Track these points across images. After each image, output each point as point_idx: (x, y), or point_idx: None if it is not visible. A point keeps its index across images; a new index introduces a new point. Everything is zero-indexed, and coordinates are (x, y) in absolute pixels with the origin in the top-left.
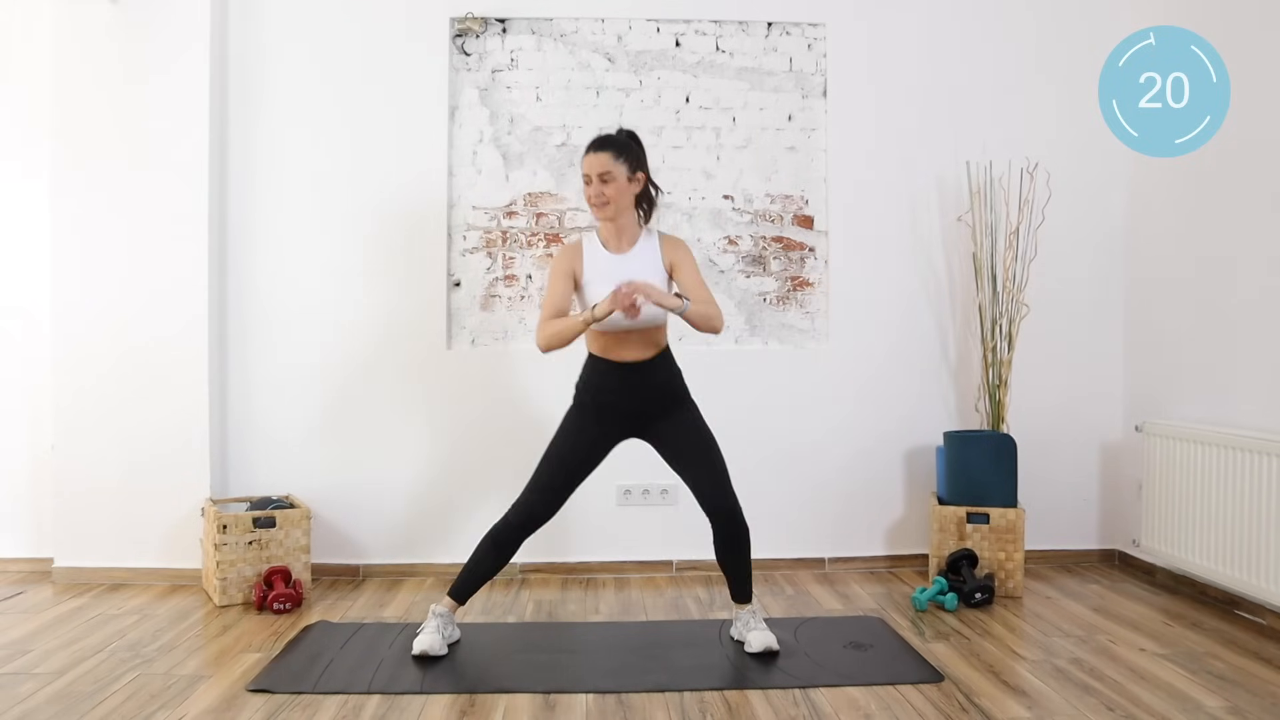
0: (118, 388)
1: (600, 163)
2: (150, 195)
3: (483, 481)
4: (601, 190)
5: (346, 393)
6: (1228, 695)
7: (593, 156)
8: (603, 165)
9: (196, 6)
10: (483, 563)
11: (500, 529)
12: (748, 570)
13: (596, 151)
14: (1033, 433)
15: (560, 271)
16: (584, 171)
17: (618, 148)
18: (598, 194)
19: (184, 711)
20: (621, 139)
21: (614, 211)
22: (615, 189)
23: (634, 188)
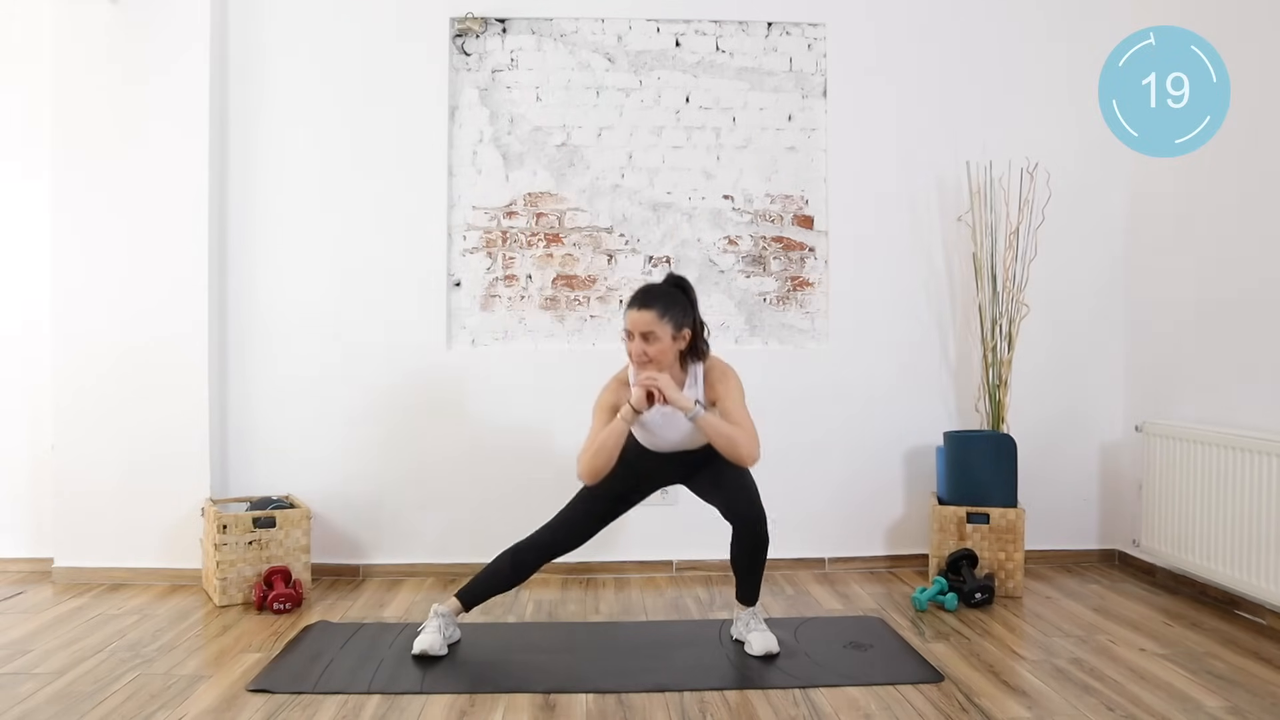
0: (118, 388)
1: (643, 321)
2: (150, 195)
3: (483, 482)
4: (644, 350)
5: (346, 392)
6: (1228, 695)
7: (635, 314)
8: (646, 325)
9: (196, 6)
10: (498, 576)
11: (523, 549)
12: (759, 577)
13: (640, 309)
14: (1033, 433)
15: (606, 407)
16: (626, 326)
17: (663, 306)
18: (639, 353)
19: (184, 711)
20: (666, 292)
21: (658, 368)
22: (659, 349)
23: (679, 345)
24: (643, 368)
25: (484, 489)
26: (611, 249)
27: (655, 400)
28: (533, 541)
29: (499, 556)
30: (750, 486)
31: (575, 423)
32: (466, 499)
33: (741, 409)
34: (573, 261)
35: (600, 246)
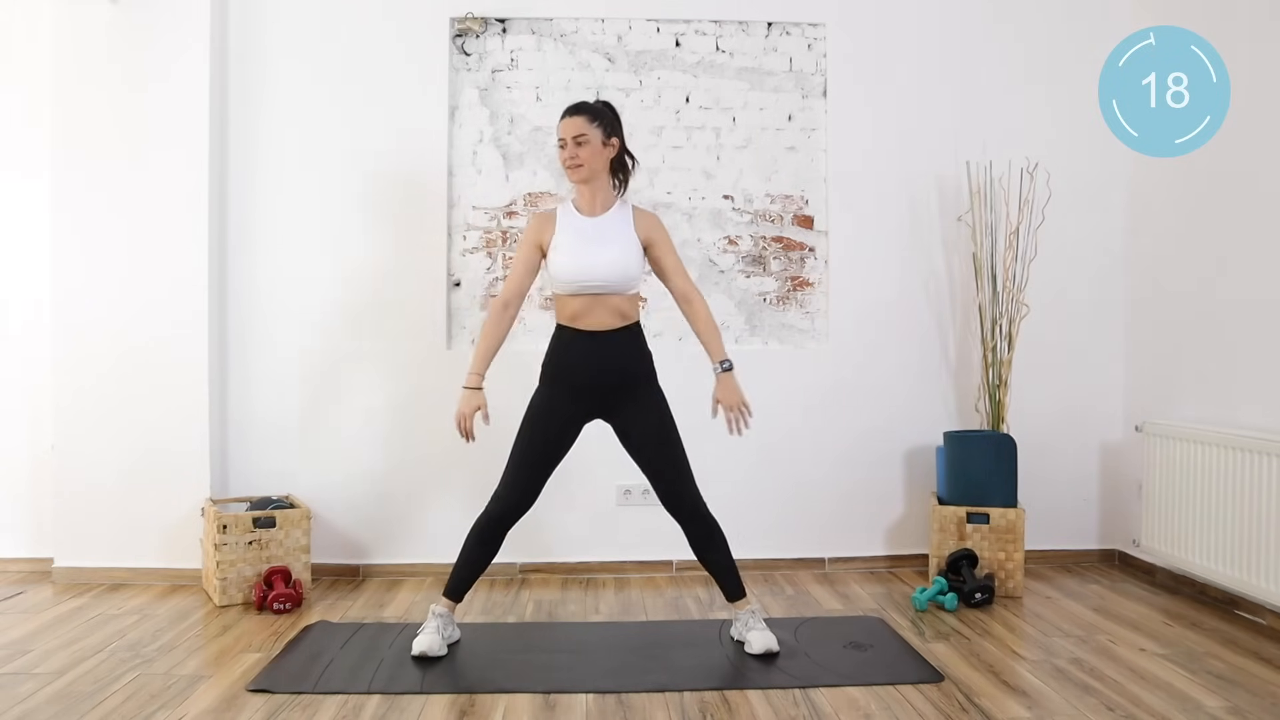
0: (118, 388)
1: (575, 126)
2: (150, 195)
3: (483, 481)
4: (576, 153)
5: (347, 392)
6: (1228, 695)
7: (568, 120)
8: (577, 128)
9: (197, 6)
10: (471, 558)
11: (483, 523)
12: (730, 566)
13: (571, 115)
14: (1033, 433)
15: (528, 241)
16: (559, 135)
17: (592, 112)
18: (571, 156)
19: (184, 711)
20: (597, 105)
21: (587, 174)
22: (589, 151)
23: (608, 153)
24: (575, 170)
25: (484, 489)
26: None
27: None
28: (489, 514)
29: (465, 541)
30: (677, 459)
31: None
32: (466, 499)
33: (681, 263)
34: None
35: None
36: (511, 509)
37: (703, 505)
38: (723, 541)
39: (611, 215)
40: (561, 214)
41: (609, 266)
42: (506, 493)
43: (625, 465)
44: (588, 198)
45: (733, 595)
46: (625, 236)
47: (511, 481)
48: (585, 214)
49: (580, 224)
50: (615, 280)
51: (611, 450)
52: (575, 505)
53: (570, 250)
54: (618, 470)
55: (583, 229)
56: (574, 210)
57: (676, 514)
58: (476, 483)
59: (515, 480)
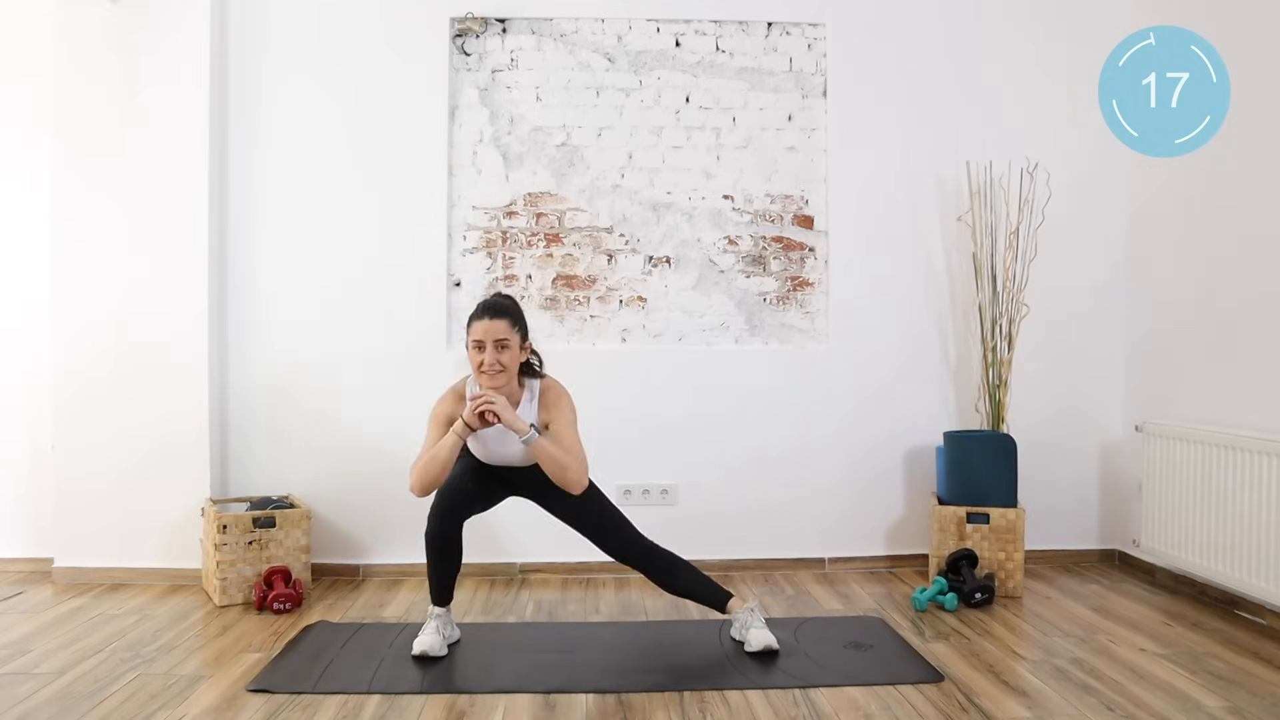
0: (118, 387)
1: (497, 330)
2: (150, 195)
3: None
4: (497, 359)
5: (347, 393)
6: (1228, 695)
7: (490, 323)
8: (500, 333)
9: (196, 6)
10: (438, 567)
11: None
12: (701, 583)
13: (493, 318)
14: (1033, 433)
15: (440, 420)
16: (475, 337)
17: (513, 316)
18: (493, 363)
19: (184, 711)
20: (514, 307)
21: (506, 379)
22: (510, 357)
23: (523, 356)
24: (494, 378)
25: None
26: (611, 249)
27: (489, 420)
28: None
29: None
30: (612, 525)
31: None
32: None
33: (573, 434)
34: (573, 262)
35: (600, 246)
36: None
37: (648, 544)
38: (682, 566)
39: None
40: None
41: (513, 460)
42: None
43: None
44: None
45: (720, 604)
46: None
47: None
48: None
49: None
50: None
51: (612, 450)
52: None
53: (476, 445)
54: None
55: (488, 433)
56: None
57: (628, 564)
58: None
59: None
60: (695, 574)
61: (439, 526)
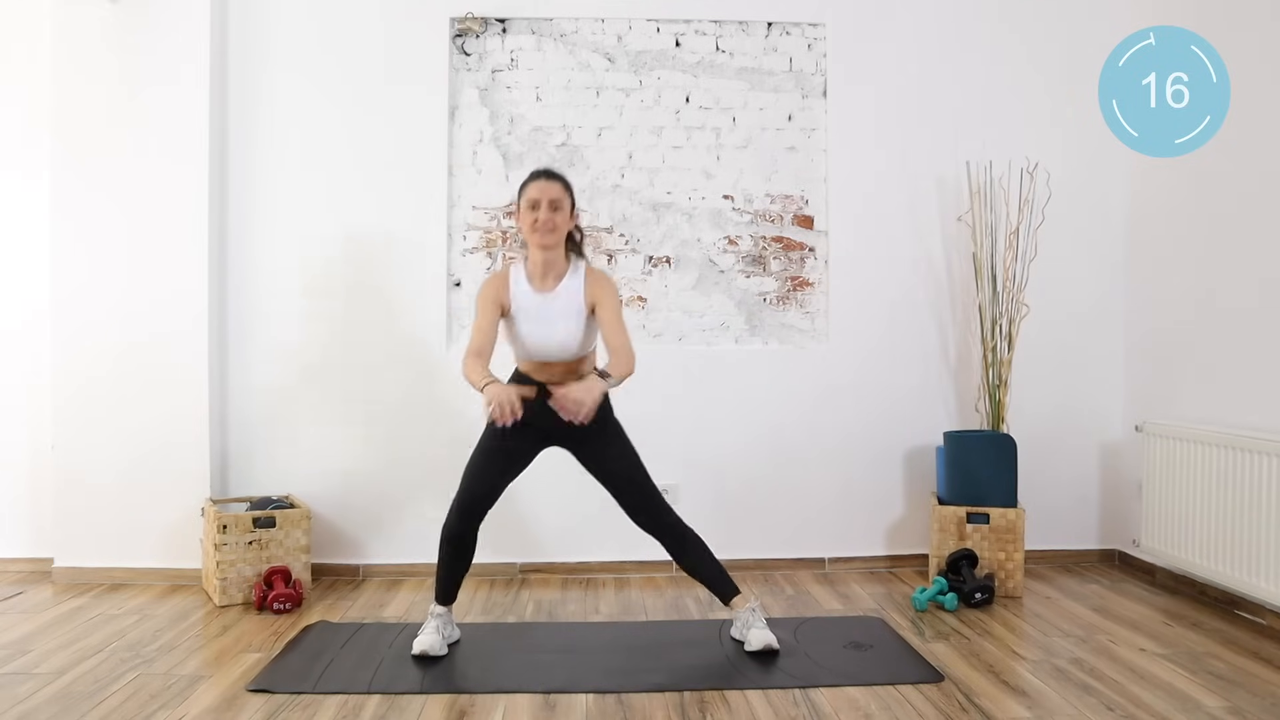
0: (118, 388)
1: (554, 190)
2: (150, 194)
3: None
4: (551, 218)
5: (347, 393)
6: (1228, 695)
7: (546, 183)
8: (556, 193)
9: (196, 6)
10: (449, 564)
11: (447, 532)
12: (714, 569)
13: (549, 180)
14: (1033, 433)
15: (488, 299)
16: (531, 197)
17: (566, 182)
18: (548, 221)
19: (184, 711)
20: (565, 176)
21: (557, 240)
22: (561, 218)
23: (571, 224)
24: (547, 235)
25: None
26: (611, 249)
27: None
28: (449, 523)
29: (438, 548)
30: (643, 486)
31: None
32: None
33: (620, 321)
34: None
35: (600, 246)
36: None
37: (673, 516)
38: (701, 546)
39: (563, 288)
40: (514, 281)
41: (559, 346)
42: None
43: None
44: (540, 268)
45: (727, 596)
46: (574, 310)
47: (469, 491)
48: (537, 287)
49: (532, 302)
50: (567, 354)
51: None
52: (575, 505)
53: (523, 326)
54: None
55: (536, 307)
56: (525, 280)
57: (650, 530)
58: None
59: (473, 492)
60: (711, 558)
61: (459, 526)
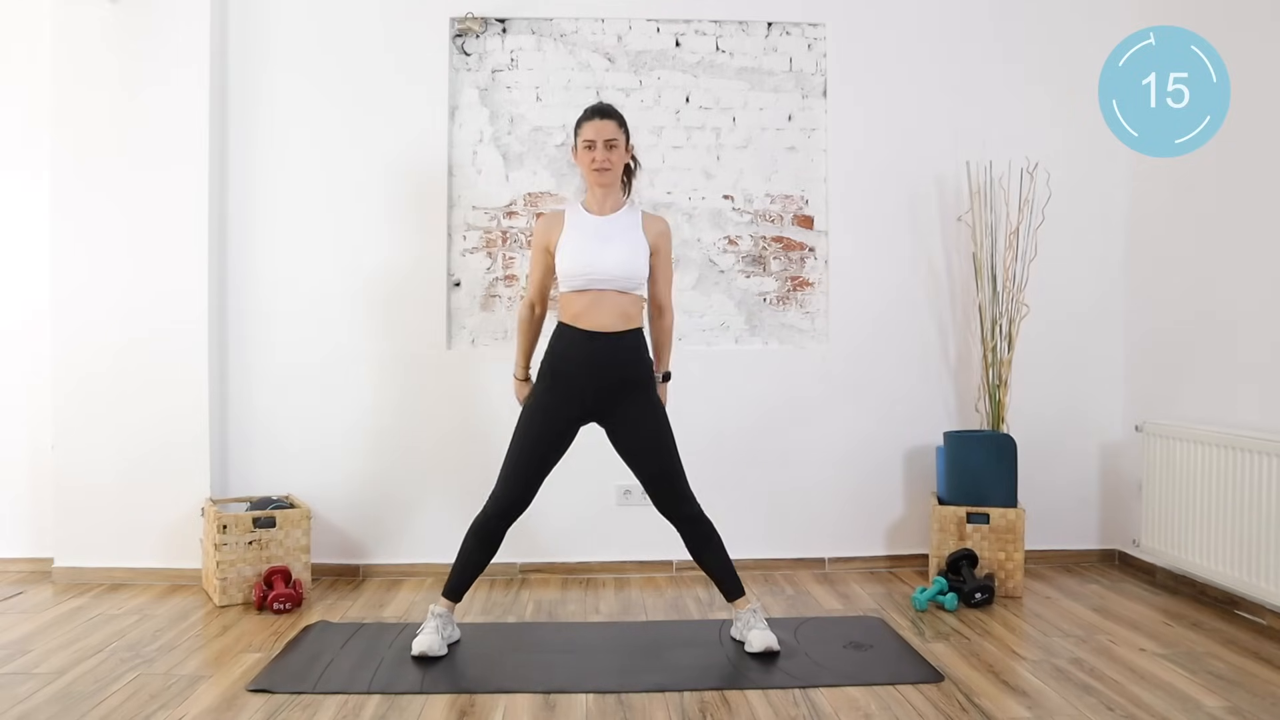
0: (118, 387)
1: (608, 129)
2: (150, 195)
3: (483, 481)
4: (608, 156)
5: (347, 393)
6: (1228, 695)
7: (600, 123)
8: (610, 132)
9: (196, 6)
10: (469, 558)
11: (480, 523)
12: (727, 566)
13: (604, 118)
14: (1033, 433)
15: (537, 246)
16: (587, 137)
17: (620, 118)
18: (603, 159)
19: (184, 711)
20: (619, 112)
21: (613, 177)
22: (618, 155)
23: (626, 157)
24: (603, 174)
25: (484, 488)
26: None
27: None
28: (486, 513)
29: (463, 540)
30: (671, 466)
31: None
32: (467, 498)
33: (670, 274)
34: None
35: None
36: (508, 508)
37: (696, 507)
38: (718, 542)
39: (621, 215)
40: (570, 213)
41: (616, 262)
42: (503, 492)
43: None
44: (599, 199)
45: (732, 595)
46: (634, 236)
47: (508, 480)
48: (595, 214)
49: (589, 221)
50: (621, 275)
51: (612, 450)
52: (575, 505)
53: (578, 245)
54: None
55: (592, 226)
56: (582, 210)
57: (670, 517)
58: (477, 482)
59: (512, 479)
60: (723, 557)
61: (495, 523)
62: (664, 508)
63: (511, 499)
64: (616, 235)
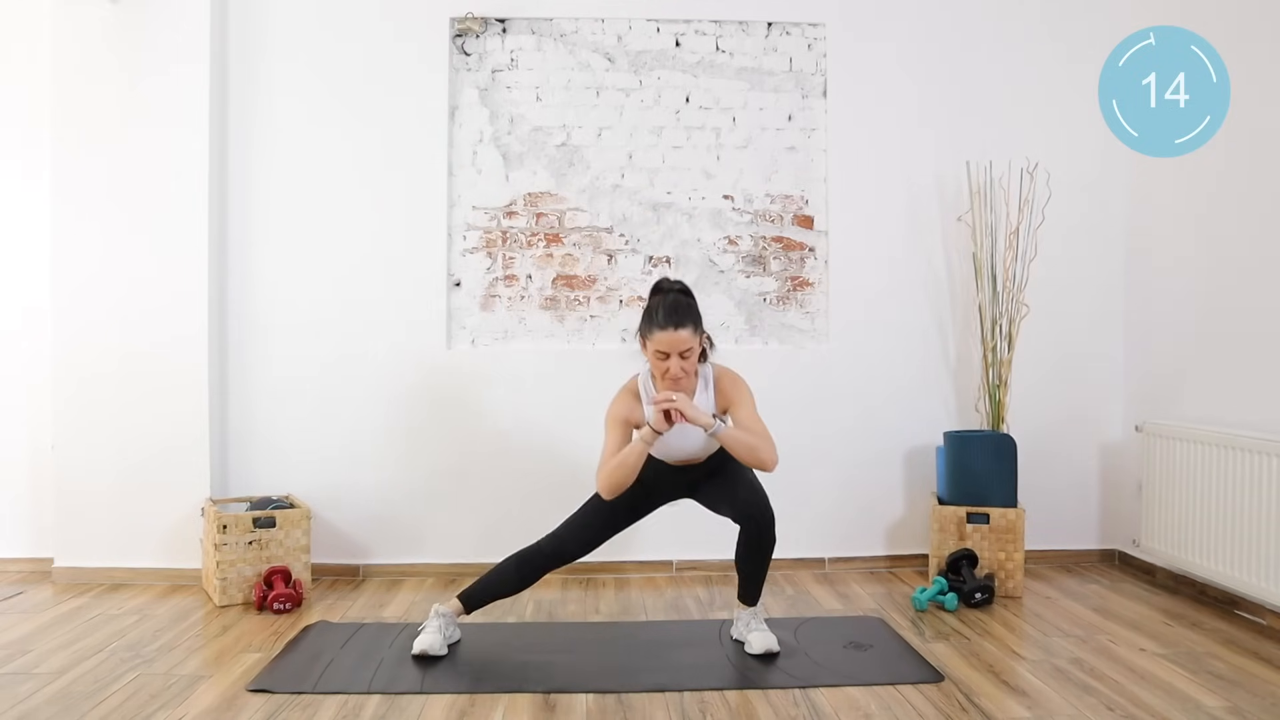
0: (118, 387)
1: (683, 341)
2: (151, 196)
3: (483, 481)
4: (683, 366)
5: (347, 392)
6: (1228, 695)
7: (674, 335)
8: (686, 343)
9: (196, 7)
10: (503, 582)
11: (530, 555)
12: (763, 575)
13: (677, 329)
14: (1033, 433)
15: (618, 419)
16: (659, 349)
17: (695, 321)
18: (679, 369)
19: (184, 711)
20: (689, 304)
21: (690, 383)
22: (692, 363)
23: (699, 350)
24: (677, 383)
25: (484, 489)
26: (611, 249)
27: (674, 419)
28: (540, 548)
29: (505, 561)
30: (758, 487)
31: (575, 422)
32: (466, 499)
33: (756, 417)
34: (573, 261)
35: (600, 246)
36: (564, 556)
37: (772, 518)
38: (770, 553)
39: (696, 399)
40: (645, 398)
41: (693, 454)
42: (568, 539)
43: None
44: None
45: (747, 599)
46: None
47: (577, 531)
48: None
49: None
50: (703, 457)
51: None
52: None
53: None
54: None
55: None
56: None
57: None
58: (477, 482)
59: (578, 531)
60: (765, 569)
61: (543, 561)
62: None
63: (568, 550)
64: (693, 434)
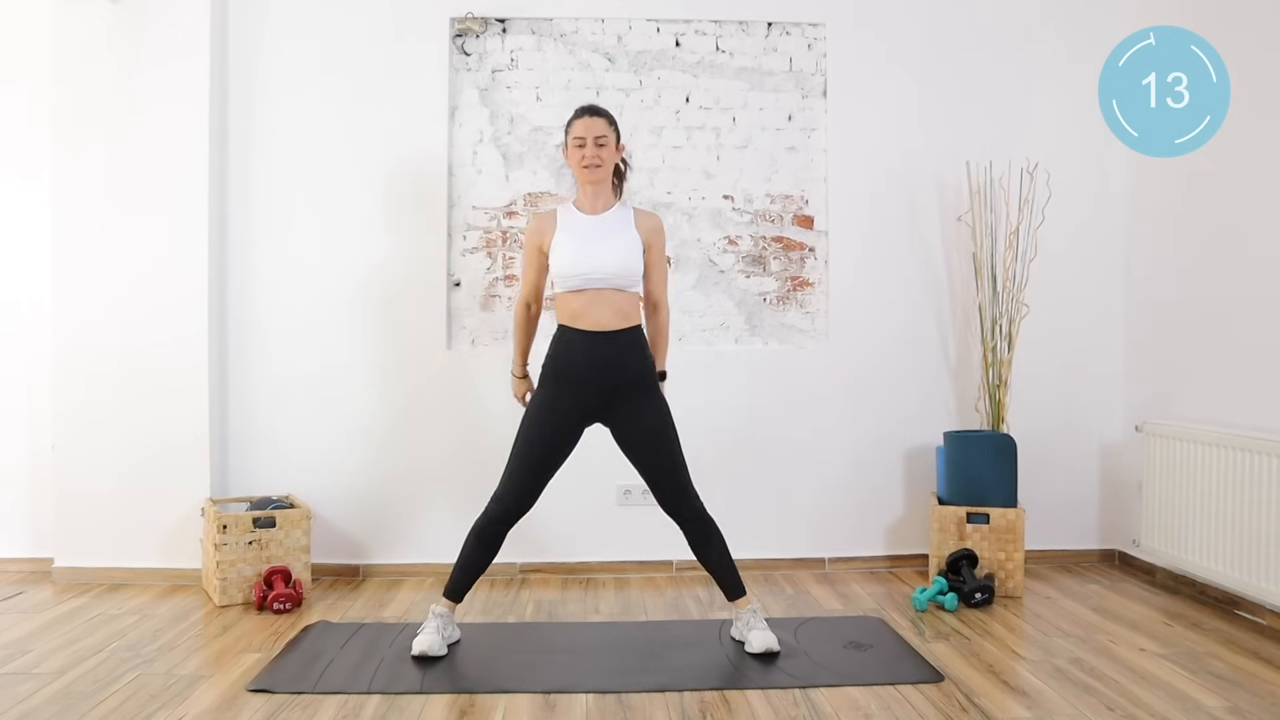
0: (118, 387)
1: (597, 126)
2: (151, 197)
3: (483, 481)
4: (598, 153)
5: (347, 392)
6: (1228, 695)
7: (590, 120)
8: (600, 129)
9: (196, 7)
10: (470, 559)
11: (482, 525)
12: (729, 565)
13: (593, 116)
14: (1033, 433)
15: (530, 246)
16: (576, 135)
17: (609, 116)
18: (593, 156)
19: (184, 711)
20: (609, 111)
21: (604, 174)
22: (608, 153)
23: (616, 157)
24: (594, 171)
25: (484, 489)
26: None
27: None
28: (488, 514)
29: (465, 542)
30: (674, 463)
31: None
32: (466, 499)
33: (664, 270)
34: None
35: None
36: (511, 510)
37: (700, 506)
38: (721, 541)
39: (613, 214)
40: (562, 213)
41: (611, 260)
42: (506, 493)
43: (625, 465)
44: (590, 198)
45: (733, 594)
46: (628, 233)
47: (511, 482)
48: (587, 213)
49: (582, 220)
50: (617, 273)
51: (612, 450)
52: (575, 505)
53: (573, 244)
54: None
55: (585, 225)
56: (574, 209)
57: (674, 516)
58: (477, 482)
59: (515, 481)
60: (726, 556)
61: (498, 525)
62: (667, 506)
63: (514, 502)
64: (610, 233)
